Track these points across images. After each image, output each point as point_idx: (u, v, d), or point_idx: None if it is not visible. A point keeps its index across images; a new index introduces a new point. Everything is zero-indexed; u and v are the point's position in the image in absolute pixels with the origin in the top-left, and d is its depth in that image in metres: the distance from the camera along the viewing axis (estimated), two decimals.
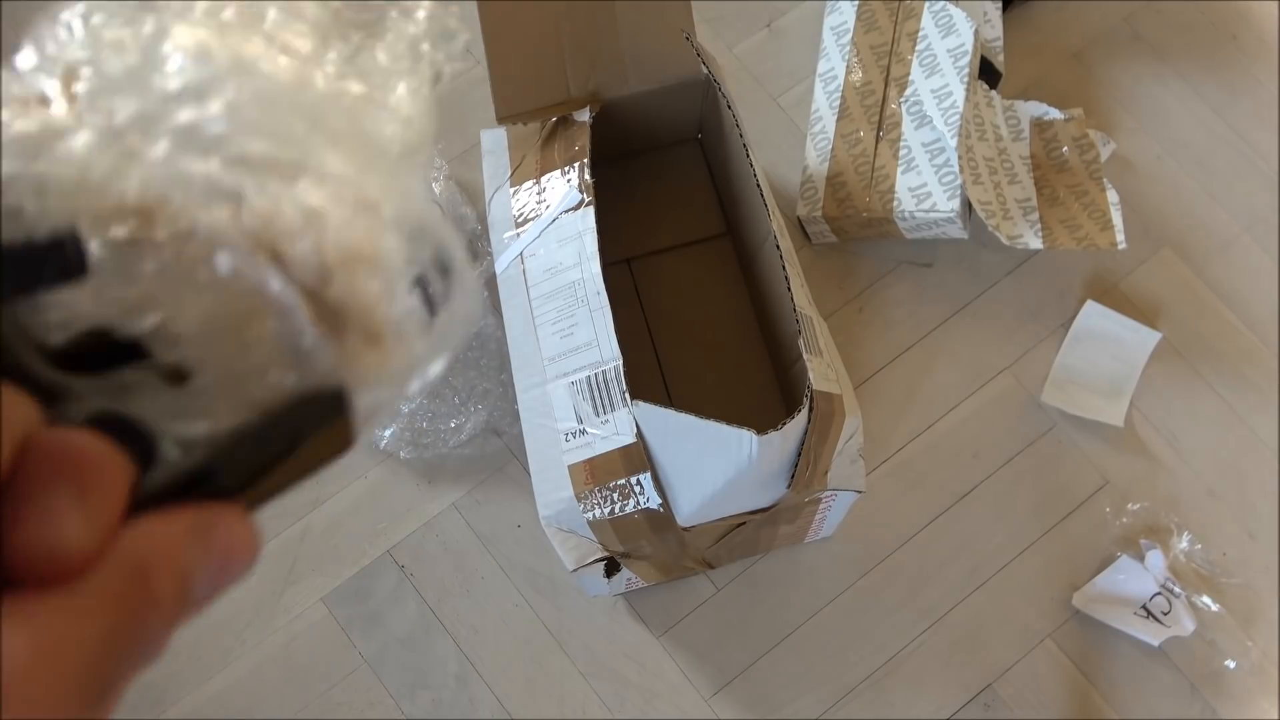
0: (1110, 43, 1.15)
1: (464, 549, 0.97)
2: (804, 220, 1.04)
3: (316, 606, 0.96)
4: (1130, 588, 0.94)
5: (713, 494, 0.70)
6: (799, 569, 0.96)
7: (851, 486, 0.78)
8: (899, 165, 0.99)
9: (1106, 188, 1.02)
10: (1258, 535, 0.98)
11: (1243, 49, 1.15)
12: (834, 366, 0.77)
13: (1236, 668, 0.93)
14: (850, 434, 0.75)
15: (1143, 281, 1.05)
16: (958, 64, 0.98)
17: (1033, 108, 1.05)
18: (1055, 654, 0.94)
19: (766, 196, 0.81)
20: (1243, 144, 1.11)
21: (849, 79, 1.05)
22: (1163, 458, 1.00)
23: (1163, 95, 1.13)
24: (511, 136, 0.88)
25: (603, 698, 0.93)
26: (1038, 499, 0.98)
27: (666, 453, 0.70)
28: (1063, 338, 1.03)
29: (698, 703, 0.93)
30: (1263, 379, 1.03)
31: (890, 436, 1.00)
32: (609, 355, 0.73)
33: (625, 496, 0.71)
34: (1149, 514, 0.97)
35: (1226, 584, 0.95)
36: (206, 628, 0.95)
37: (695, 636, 0.95)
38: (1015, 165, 1.02)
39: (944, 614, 0.95)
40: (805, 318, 0.75)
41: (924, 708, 0.93)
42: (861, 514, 0.94)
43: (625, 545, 0.76)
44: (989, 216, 0.96)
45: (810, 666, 0.94)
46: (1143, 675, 0.93)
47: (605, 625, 0.95)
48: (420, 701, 0.93)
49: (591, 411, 0.72)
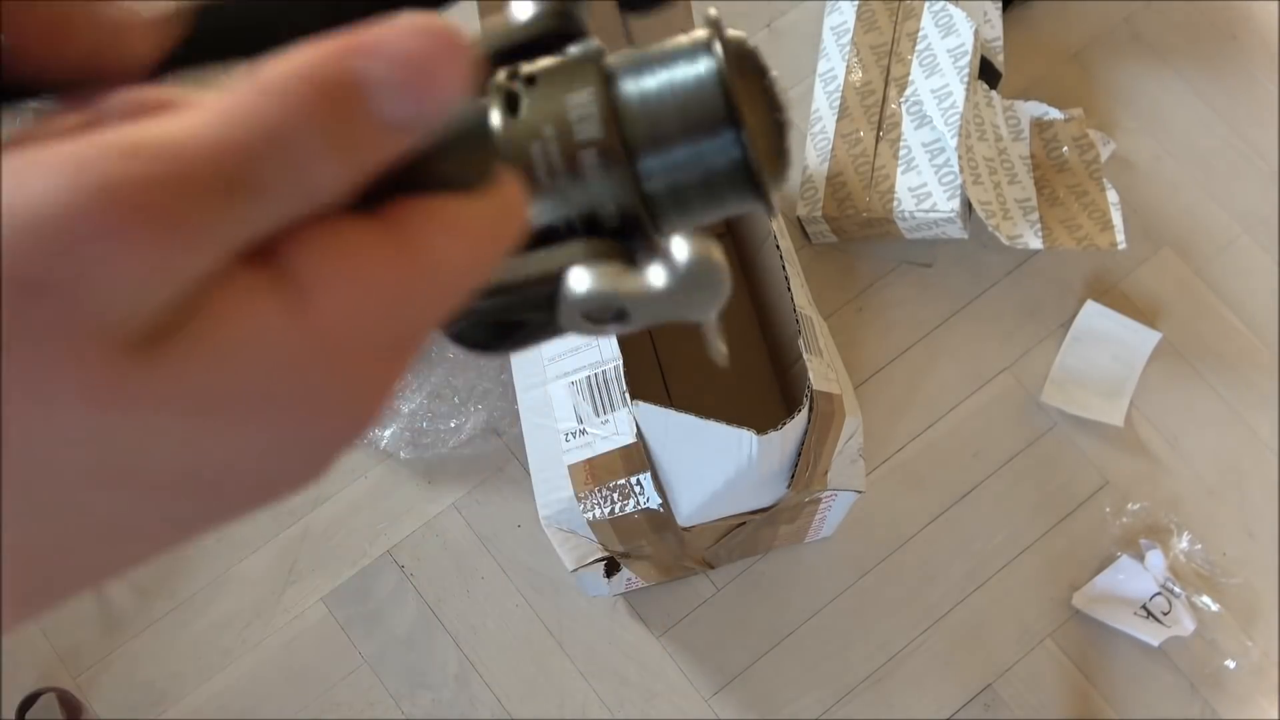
0: (1110, 43, 1.15)
1: (464, 549, 0.97)
2: (804, 220, 1.04)
3: (316, 606, 0.96)
4: (1130, 588, 0.94)
5: (713, 494, 0.70)
6: (799, 569, 0.96)
7: (851, 486, 0.78)
8: (899, 165, 0.99)
9: (1106, 188, 1.02)
10: (1258, 535, 0.98)
11: (1243, 49, 1.15)
12: (834, 366, 0.77)
13: (1236, 668, 0.93)
14: (850, 434, 0.75)
15: (1143, 281, 1.05)
16: (958, 64, 0.98)
17: (1033, 108, 1.05)
18: (1055, 654, 0.94)
19: None
20: (1243, 144, 1.11)
21: (849, 79, 1.05)
22: (1163, 458, 1.00)
23: (1162, 95, 1.13)
24: None
25: (603, 698, 0.93)
26: (1038, 499, 0.98)
27: (666, 453, 0.70)
28: (1063, 338, 1.03)
29: (698, 703, 0.93)
30: (1262, 379, 1.03)
31: (890, 436, 1.00)
32: (609, 355, 0.73)
33: (625, 496, 0.71)
34: (1149, 514, 0.97)
35: (1226, 584, 0.95)
36: (207, 628, 0.95)
37: (695, 636, 0.95)
38: (1015, 165, 1.02)
39: (944, 614, 0.95)
40: (805, 318, 0.75)
41: (924, 708, 0.93)
42: (861, 514, 0.94)
43: (625, 545, 0.76)
44: (989, 216, 0.96)
45: (810, 666, 0.94)
46: (1143, 675, 0.93)
47: (605, 625, 0.95)
48: (420, 701, 0.93)
49: (591, 411, 0.72)
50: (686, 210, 0.21)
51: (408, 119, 0.16)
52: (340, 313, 0.16)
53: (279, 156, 0.15)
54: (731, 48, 0.21)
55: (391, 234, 0.17)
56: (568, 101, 0.20)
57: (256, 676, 0.94)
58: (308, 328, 0.15)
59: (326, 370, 0.16)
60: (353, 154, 0.16)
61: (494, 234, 0.18)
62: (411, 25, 0.16)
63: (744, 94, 0.21)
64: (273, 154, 0.15)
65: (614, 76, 0.21)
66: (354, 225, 0.16)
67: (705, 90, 0.20)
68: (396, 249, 0.17)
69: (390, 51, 0.16)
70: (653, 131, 0.20)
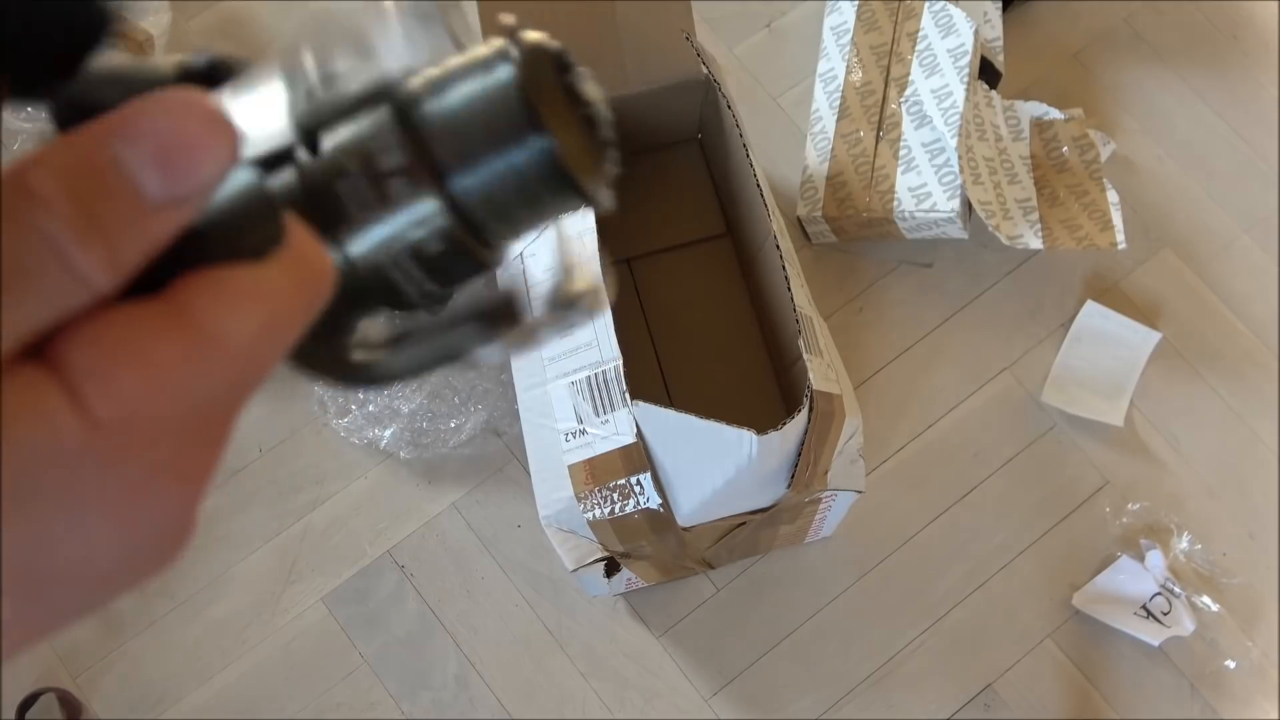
0: (1110, 43, 1.15)
1: (464, 549, 0.97)
2: (804, 220, 1.04)
3: (316, 606, 0.96)
4: (1130, 588, 0.94)
5: (713, 494, 0.70)
6: (799, 569, 0.96)
7: (851, 486, 0.78)
8: (899, 165, 0.99)
9: (1106, 188, 1.02)
10: (1258, 535, 0.98)
11: (1243, 49, 1.15)
12: (834, 366, 0.77)
13: (1236, 668, 0.93)
14: (850, 434, 0.75)
15: (1143, 281, 1.05)
16: (958, 64, 0.98)
17: (1033, 108, 1.05)
18: (1055, 654, 0.94)
19: (766, 196, 0.81)
20: (1243, 144, 1.11)
21: (849, 79, 1.05)
22: (1163, 458, 1.00)
23: (1163, 96, 1.13)
24: None
25: (603, 698, 0.93)
26: (1038, 499, 0.98)
27: (666, 453, 0.70)
28: (1063, 338, 1.03)
29: (698, 703, 0.93)
30: (1263, 379, 1.03)
31: (890, 436, 1.00)
32: (609, 355, 0.73)
33: (625, 496, 0.71)
34: (1149, 514, 0.97)
35: (1226, 584, 0.95)
36: (207, 628, 0.95)
37: (695, 636, 0.95)
38: (1015, 165, 1.02)
39: (944, 614, 0.95)
40: (805, 318, 0.75)
41: (924, 708, 0.93)
42: (861, 514, 0.94)
43: (625, 545, 0.76)
44: (989, 216, 0.96)
45: (810, 666, 0.94)
46: (1143, 675, 0.93)
47: (605, 625, 0.95)
48: (420, 701, 0.93)
49: (591, 411, 0.72)
50: (509, 220, 0.21)
51: (173, 198, 0.16)
52: (124, 404, 0.15)
53: (40, 252, 0.15)
54: (528, 51, 0.20)
55: (173, 315, 0.16)
56: (367, 133, 0.20)
57: (256, 676, 0.94)
58: (94, 422, 0.15)
59: (121, 464, 0.16)
60: (119, 239, 0.15)
61: (287, 296, 0.17)
62: (172, 103, 0.16)
63: (546, 96, 0.20)
64: (32, 250, 0.15)
65: (416, 99, 0.20)
66: (134, 311, 0.16)
67: (505, 99, 0.20)
68: (180, 330, 0.16)
69: (150, 132, 0.16)
70: (459, 149, 0.20)
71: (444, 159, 0.20)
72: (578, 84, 0.22)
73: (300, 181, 0.20)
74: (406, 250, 0.20)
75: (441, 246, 0.21)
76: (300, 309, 0.18)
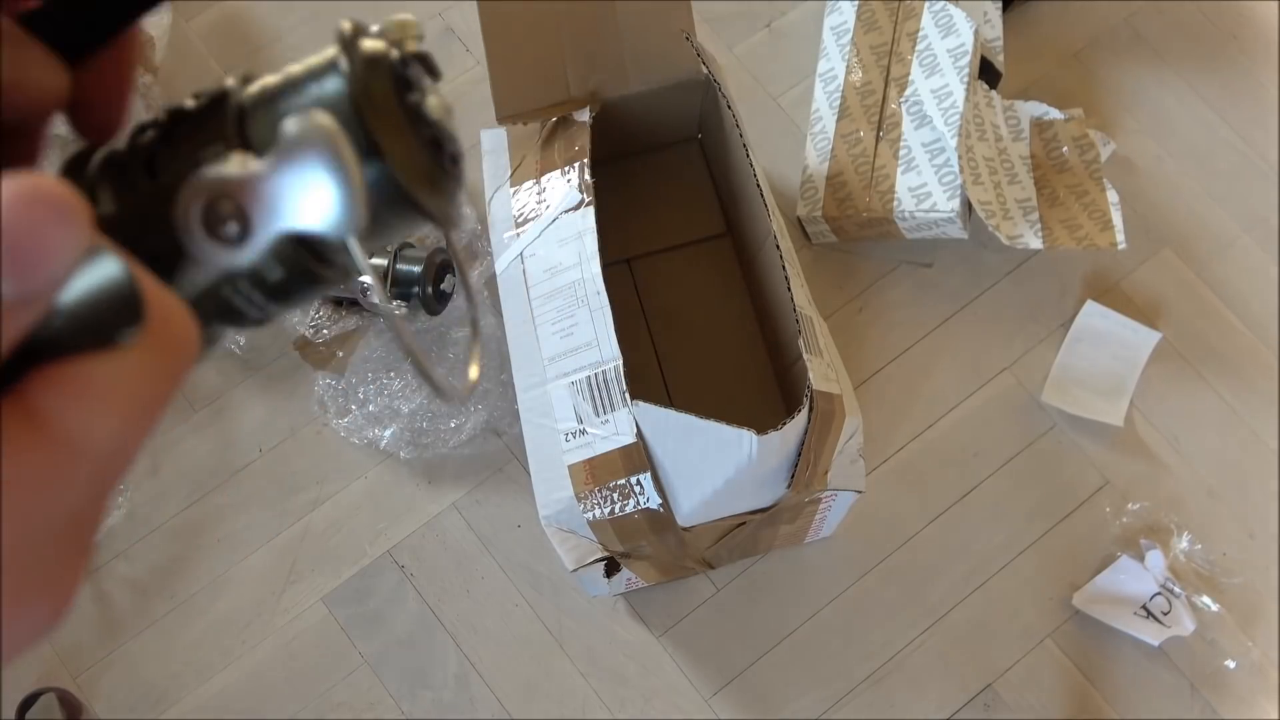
0: (1111, 43, 1.15)
1: (464, 549, 0.97)
2: (804, 220, 1.04)
3: (316, 606, 0.96)
4: (1130, 588, 0.94)
5: (713, 494, 0.70)
6: (799, 569, 0.96)
7: (851, 486, 0.78)
8: (899, 165, 0.99)
9: (1106, 188, 1.02)
10: (1258, 535, 0.98)
11: (1243, 49, 1.15)
12: (834, 366, 0.77)
13: (1236, 668, 0.93)
14: (850, 434, 0.75)
15: (1143, 281, 1.05)
16: (958, 64, 0.98)
17: (1033, 108, 1.05)
18: (1055, 654, 0.94)
19: (766, 196, 0.81)
20: (1243, 144, 1.11)
21: (849, 79, 1.05)
22: (1163, 458, 1.00)
23: (1163, 95, 1.13)
24: (511, 136, 0.88)
25: (603, 698, 0.93)
26: (1038, 499, 0.98)
27: (666, 453, 0.70)
28: (1063, 338, 1.03)
29: (698, 703, 0.93)
30: (1263, 379, 1.03)
31: (890, 436, 1.00)
32: (609, 355, 0.73)
33: (625, 496, 0.71)
34: (1149, 514, 0.97)
35: (1226, 584, 0.95)
36: (207, 628, 0.95)
37: (695, 636, 0.95)
38: (1015, 165, 1.03)
39: (944, 614, 0.95)
40: (805, 318, 0.75)
41: (924, 708, 0.93)
42: (861, 514, 0.94)
43: (625, 545, 0.76)
44: (989, 216, 0.96)
45: (810, 666, 0.94)
46: (1143, 675, 0.93)
47: (605, 625, 0.95)
48: (420, 701, 0.93)
49: (591, 411, 0.72)
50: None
51: (19, 296, 0.15)
52: None
53: None
54: (362, 63, 0.19)
55: (28, 423, 0.15)
56: (199, 160, 0.19)
57: (256, 676, 0.94)
58: None
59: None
60: None
61: (152, 381, 0.16)
62: (10, 195, 0.14)
63: (381, 110, 0.19)
64: None
65: (246, 113, 0.19)
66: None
67: (336, 115, 0.19)
68: (35, 440, 0.15)
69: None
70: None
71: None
72: (418, 103, 0.20)
73: (135, 211, 0.19)
74: (247, 279, 0.20)
75: (282, 273, 0.20)
76: (166, 390, 0.16)
